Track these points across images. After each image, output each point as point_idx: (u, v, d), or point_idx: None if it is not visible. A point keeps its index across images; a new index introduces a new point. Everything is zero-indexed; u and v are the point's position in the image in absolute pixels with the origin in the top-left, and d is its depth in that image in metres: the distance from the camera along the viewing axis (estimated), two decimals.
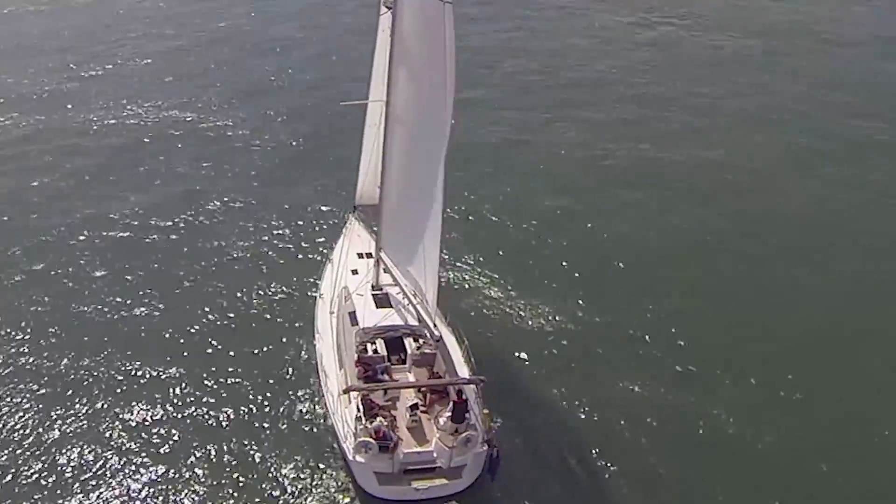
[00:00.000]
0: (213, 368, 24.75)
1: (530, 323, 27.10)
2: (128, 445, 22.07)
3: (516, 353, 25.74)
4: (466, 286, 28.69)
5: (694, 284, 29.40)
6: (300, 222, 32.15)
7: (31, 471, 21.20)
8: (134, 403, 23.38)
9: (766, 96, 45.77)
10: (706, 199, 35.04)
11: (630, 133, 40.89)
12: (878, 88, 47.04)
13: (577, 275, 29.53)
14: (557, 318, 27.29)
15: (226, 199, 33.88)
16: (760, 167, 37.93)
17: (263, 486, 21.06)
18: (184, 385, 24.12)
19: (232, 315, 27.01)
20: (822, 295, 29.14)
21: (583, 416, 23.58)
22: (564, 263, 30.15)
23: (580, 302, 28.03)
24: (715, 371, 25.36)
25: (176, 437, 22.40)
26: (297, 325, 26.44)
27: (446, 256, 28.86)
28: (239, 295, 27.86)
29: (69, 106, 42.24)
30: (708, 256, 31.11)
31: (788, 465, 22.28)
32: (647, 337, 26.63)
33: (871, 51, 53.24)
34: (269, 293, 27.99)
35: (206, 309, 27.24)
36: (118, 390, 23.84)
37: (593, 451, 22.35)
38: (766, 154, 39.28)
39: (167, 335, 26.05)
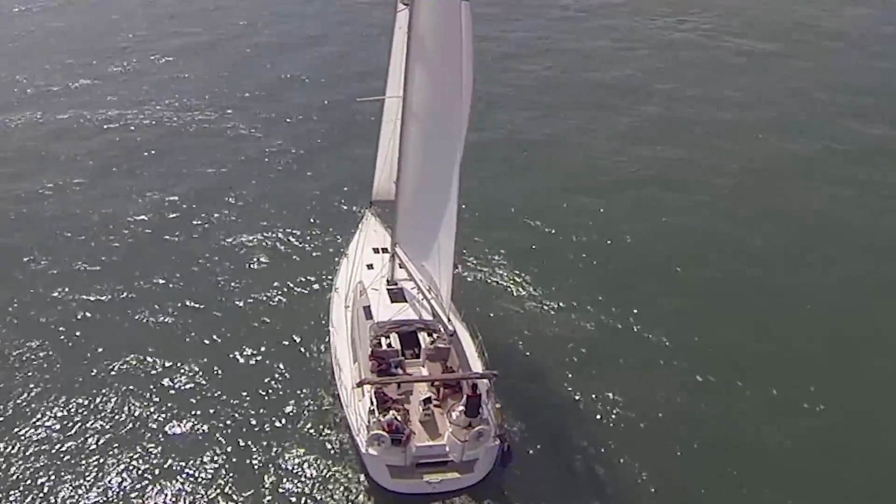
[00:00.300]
0: (228, 362, 25.01)
1: (544, 320, 27.18)
2: (140, 440, 22.27)
3: (530, 350, 25.86)
4: (481, 282, 28.81)
5: (710, 286, 29.30)
6: (316, 217, 32.35)
7: (51, 467, 21.42)
8: (147, 399, 23.60)
9: (787, 98, 45.50)
10: (723, 201, 34.89)
11: (647, 134, 40.82)
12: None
13: (592, 274, 29.60)
14: (572, 316, 27.38)
15: (241, 194, 34.16)
16: (781, 170, 37.78)
17: (276, 478, 21.28)
18: (198, 379, 24.37)
19: (247, 309, 27.28)
20: (834, 297, 29.00)
21: (595, 414, 23.67)
22: (580, 262, 30.24)
23: (595, 300, 28.07)
24: (729, 373, 25.27)
25: (189, 431, 22.65)
26: (311, 319, 26.64)
27: (461, 252, 28.96)
28: (254, 289, 28.12)
29: (85, 103, 42.46)
30: (724, 258, 30.95)
31: (805, 467, 22.28)
32: (661, 337, 26.58)
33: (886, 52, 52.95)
34: (285, 287, 28.20)
35: (221, 303, 27.52)
36: (133, 386, 24.04)
37: (604, 448, 22.45)
38: (787, 156, 39.12)
39: (182, 331, 26.30)
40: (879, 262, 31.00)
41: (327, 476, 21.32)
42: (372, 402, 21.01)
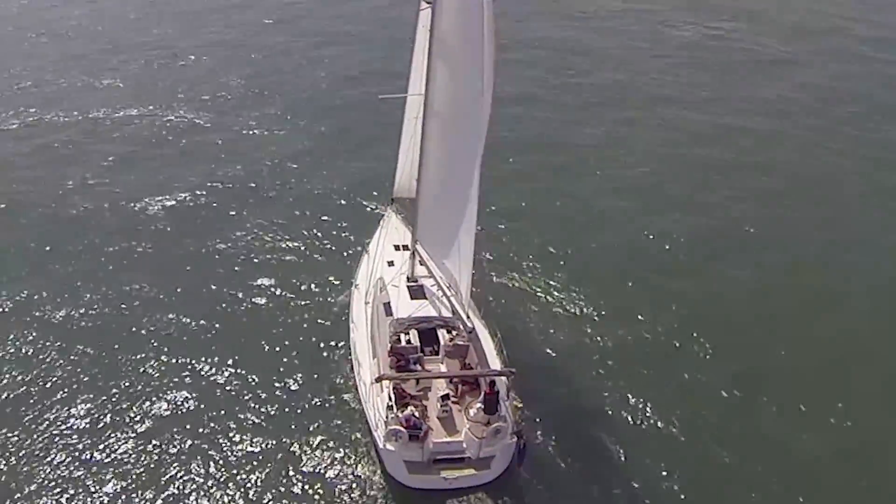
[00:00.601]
0: (248, 357, 25.21)
1: (564, 320, 27.20)
2: (161, 435, 22.43)
3: (549, 349, 25.91)
4: (502, 281, 28.81)
5: (736, 290, 29.13)
6: (337, 214, 32.56)
7: (71, 463, 21.56)
8: (164, 395, 23.73)
9: (813, 103, 45.27)
10: (751, 205, 34.66)
11: (671, 136, 40.74)
12: None
13: (614, 276, 29.50)
14: (592, 317, 27.37)
15: (262, 191, 34.46)
16: (807, 173, 37.68)
17: (294, 472, 21.47)
18: (218, 374, 24.60)
19: (268, 305, 27.51)
20: (865, 304, 28.76)
21: (613, 414, 23.68)
22: (602, 263, 30.19)
23: (616, 302, 28.03)
24: (753, 377, 25.16)
25: (208, 425, 22.83)
26: (331, 314, 26.85)
27: (482, 251, 29.00)
28: (276, 285, 28.34)
29: (107, 100, 42.81)
30: (752, 262, 30.73)
31: (826, 473, 22.16)
32: (683, 341, 26.49)
33: None
34: (306, 283, 28.40)
35: (241, 300, 27.74)
36: (154, 382, 24.21)
37: (621, 449, 22.46)
38: (809, 157, 39.02)
39: (202, 327, 26.46)
40: None
41: (344, 471, 21.49)
42: (390, 398, 21.14)
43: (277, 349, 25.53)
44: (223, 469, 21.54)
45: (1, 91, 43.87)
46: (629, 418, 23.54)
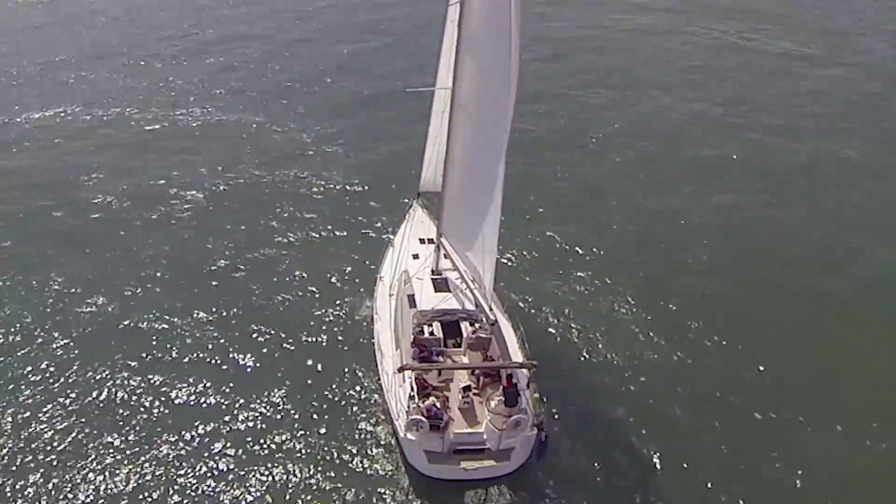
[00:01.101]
0: (270, 347, 25.55)
1: (586, 315, 27.24)
2: (180, 426, 22.68)
3: (570, 343, 26.00)
4: (525, 275, 28.94)
5: (759, 292, 29.01)
6: (363, 207, 32.78)
7: (87, 460, 21.73)
8: (185, 386, 23.98)
9: (835, 102, 44.94)
10: (771, 203, 34.54)
11: (694, 131, 40.74)
12: None
13: (639, 273, 29.47)
14: (613, 313, 27.43)
15: (288, 184, 34.71)
16: (826, 169, 37.54)
17: (315, 459, 21.76)
18: (242, 363, 24.92)
19: (293, 296, 27.80)
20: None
21: (634, 411, 23.71)
22: (624, 260, 30.16)
23: (640, 300, 28.02)
24: (771, 377, 25.10)
25: (230, 414, 23.13)
26: (353, 306, 27.12)
27: (507, 245, 29.20)
28: (301, 277, 28.64)
29: (131, 92, 43.35)
30: (776, 263, 30.61)
31: (861, 488, 22.00)
32: (705, 338, 26.48)
33: None
34: (329, 275, 28.65)
35: (265, 291, 28.00)
36: (175, 374, 24.44)
37: (640, 445, 22.54)
38: (832, 156, 38.83)
39: (221, 319, 26.70)
40: None
41: (365, 459, 21.75)
42: (412, 388, 21.35)
43: (300, 339, 25.82)
44: (244, 458, 21.83)
45: (24, 85, 44.38)
46: (649, 415, 23.56)
